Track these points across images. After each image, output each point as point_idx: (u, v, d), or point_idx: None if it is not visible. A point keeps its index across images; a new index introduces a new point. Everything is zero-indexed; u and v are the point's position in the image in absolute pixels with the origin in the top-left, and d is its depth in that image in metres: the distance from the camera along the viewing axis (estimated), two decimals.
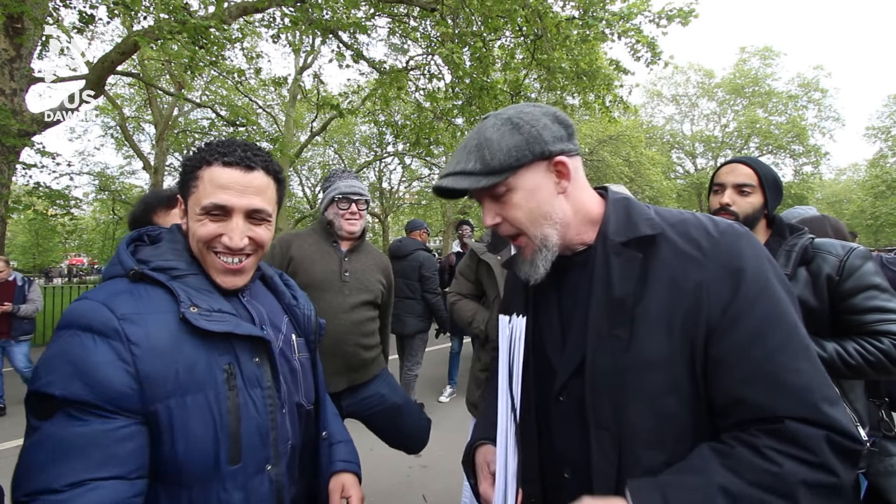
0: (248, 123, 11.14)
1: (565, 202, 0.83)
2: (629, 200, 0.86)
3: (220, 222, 0.88)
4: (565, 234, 0.84)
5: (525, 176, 0.80)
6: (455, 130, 10.61)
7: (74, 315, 0.77)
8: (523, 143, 0.78)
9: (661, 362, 0.72)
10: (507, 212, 0.83)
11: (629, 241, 0.78)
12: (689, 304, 0.71)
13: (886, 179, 23.74)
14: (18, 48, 7.38)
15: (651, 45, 7.70)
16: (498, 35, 7.84)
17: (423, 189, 26.20)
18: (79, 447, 0.69)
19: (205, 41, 6.38)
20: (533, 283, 0.86)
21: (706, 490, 0.65)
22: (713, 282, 0.71)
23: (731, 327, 0.70)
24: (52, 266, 34.26)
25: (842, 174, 34.12)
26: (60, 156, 9.13)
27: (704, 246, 0.74)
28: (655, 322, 0.73)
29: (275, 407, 0.89)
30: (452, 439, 3.88)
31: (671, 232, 0.78)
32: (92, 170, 20.36)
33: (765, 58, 24.35)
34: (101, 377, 0.73)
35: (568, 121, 0.84)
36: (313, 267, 2.03)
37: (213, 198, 0.86)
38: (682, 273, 0.73)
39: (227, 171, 0.88)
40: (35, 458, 0.69)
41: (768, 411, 0.66)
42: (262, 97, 19.30)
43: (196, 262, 0.91)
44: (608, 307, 0.76)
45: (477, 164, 0.80)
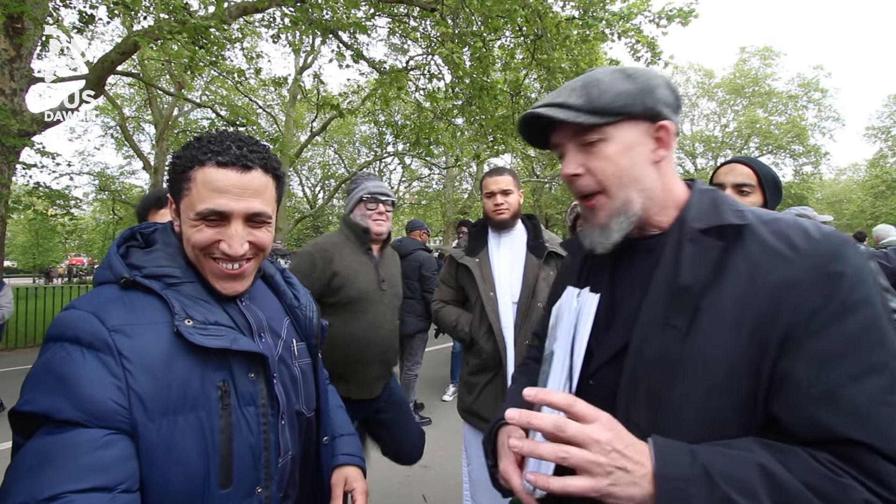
0: (248, 123, 11.13)
1: (656, 174, 0.76)
2: (718, 192, 0.79)
3: (217, 228, 0.82)
4: (648, 208, 0.77)
5: (625, 129, 0.74)
6: (455, 130, 10.62)
7: (62, 326, 0.73)
8: (636, 91, 0.73)
9: (721, 360, 0.65)
10: (595, 163, 0.75)
11: (710, 228, 0.71)
12: (767, 303, 0.64)
13: (886, 179, 23.71)
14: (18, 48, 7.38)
15: (651, 45, 7.70)
16: (498, 35, 7.84)
17: (422, 189, 26.20)
18: (57, 457, 0.64)
19: (205, 41, 6.38)
20: (601, 251, 0.79)
21: (743, 461, 0.58)
22: (802, 282, 0.63)
23: (816, 336, 0.61)
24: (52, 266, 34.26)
25: (842, 174, 34.10)
26: (60, 156, 9.12)
27: (800, 246, 0.66)
28: (724, 317, 0.66)
29: (268, 425, 0.85)
30: (453, 439, 3.88)
31: (762, 227, 0.70)
32: (92, 170, 20.37)
33: (765, 58, 24.32)
34: (88, 394, 0.67)
35: (678, 91, 0.78)
36: (358, 280, 1.98)
37: (209, 203, 0.79)
38: (765, 270, 0.66)
39: (223, 173, 0.80)
40: (15, 474, 0.66)
41: (839, 436, 0.58)
42: (262, 97, 19.30)
43: (192, 267, 0.86)
44: (669, 294, 0.70)
45: (580, 100, 0.74)
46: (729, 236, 0.70)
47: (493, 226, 2.12)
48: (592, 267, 0.88)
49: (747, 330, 0.64)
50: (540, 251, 2.04)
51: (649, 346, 0.70)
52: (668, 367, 0.67)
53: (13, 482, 0.65)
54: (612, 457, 0.59)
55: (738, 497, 0.56)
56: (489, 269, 2.06)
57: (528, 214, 2.19)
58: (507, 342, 1.97)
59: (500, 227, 2.10)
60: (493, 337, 1.98)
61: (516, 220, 2.12)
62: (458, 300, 2.22)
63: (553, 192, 24.17)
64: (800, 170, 24.22)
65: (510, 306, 2.00)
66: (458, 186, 22.74)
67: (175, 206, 0.86)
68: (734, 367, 0.64)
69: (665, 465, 0.59)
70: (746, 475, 0.57)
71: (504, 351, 1.96)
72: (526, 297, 1.98)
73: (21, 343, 8.46)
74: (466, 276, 2.10)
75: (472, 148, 11.85)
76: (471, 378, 2.08)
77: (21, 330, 8.77)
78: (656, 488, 0.58)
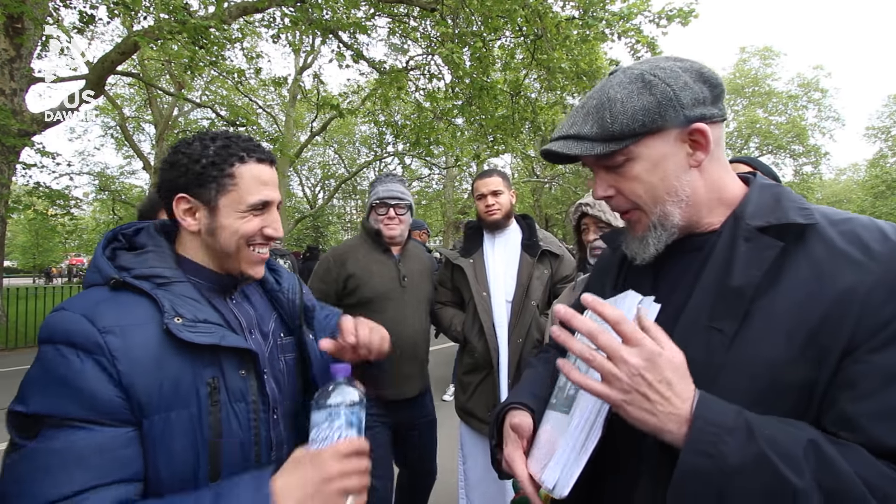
0: (248, 123, 11.13)
1: (698, 177, 0.70)
2: (782, 188, 0.72)
3: (261, 216, 0.90)
4: (691, 215, 0.72)
5: (651, 144, 0.68)
6: (455, 130, 10.62)
7: (53, 328, 0.74)
8: (654, 105, 0.66)
9: (770, 367, 0.60)
10: (624, 184, 0.72)
11: (769, 226, 0.65)
12: (832, 310, 0.59)
13: (886, 179, 23.73)
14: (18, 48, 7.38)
15: (651, 45, 7.71)
16: (498, 35, 7.84)
17: (423, 189, 26.21)
18: (79, 456, 0.67)
19: (205, 41, 6.38)
20: (639, 262, 0.76)
21: (794, 433, 0.55)
22: (875, 290, 0.58)
23: (886, 349, 0.56)
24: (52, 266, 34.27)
25: (842, 174, 34.12)
26: (60, 156, 9.13)
27: (875, 249, 0.60)
28: (777, 323, 0.61)
29: (258, 421, 0.86)
30: (453, 439, 3.89)
31: (830, 228, 0.64)
32: (92, 170, 20.41)
33: (765, 58, 24.34)
34: (89, 392, 0.70)
35: (716, 79, 0.70)
36: (373, 279, 2.00)
37: (260, 195, 0.88)
38: (832, 274, 0.60)
39: (264, 168, 0.90)
40: (27, 474, 0.66)
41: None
42: (262, 97, 19.32)
43: (181, 268, 0.88)
44: (717, 295, 0.65)
45: (594, 128, 0.69)
46: (791, 236, 0.65)
47: (487, 227, 2.14)
48: (633, 265, 0.83)
49: (802, 338, 0.59)
50: (534, 250, 2.06)
51: (692, 349, 0.64)
52: (712, 372, 0.63)
53: (29, 482, 0.66)
54: (636, 381, 0.58)
55: (778, 461, 0.53)
56: (483, 269, 2.09)
57: (522, 214, 2.22)
58: (500, 341, 1.99)
59: (494, 228, 2.13)
60: (484, 336, 2.00)
61: (510, 220, 2.14)
62: (455, 301, 2.25)
63: (553, 192, 24.18)
64: (800, 170, 24.24)
65: (504, 305, 2.03)
66: (458, 186, 22.77)
67: (205, 203, 0.87)
68: (783, 376, 0.60)
69: (707, 410, 0.57)
70: (793, 445, 0.54)
71: (496, 350, 1.98)
72: (520, 295, 2.01)
73: (21, 343, 8.45)
74: (461, 277, 2.13)
75: (472, 148, 11.87)
76: (464, 377, 2.12)
77: (21, 330, 8.76)
78: (690, 428, 0.56)
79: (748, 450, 0.54)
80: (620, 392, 0.59)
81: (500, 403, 0.91)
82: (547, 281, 2.04)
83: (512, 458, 0.77)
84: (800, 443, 0.54)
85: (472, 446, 2.11)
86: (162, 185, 0.89)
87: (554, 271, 2.07)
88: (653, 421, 0.59)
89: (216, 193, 0.86)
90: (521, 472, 0.74)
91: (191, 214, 0.88)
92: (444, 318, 2.20)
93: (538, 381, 0.92)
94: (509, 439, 0.80)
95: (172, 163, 0.87)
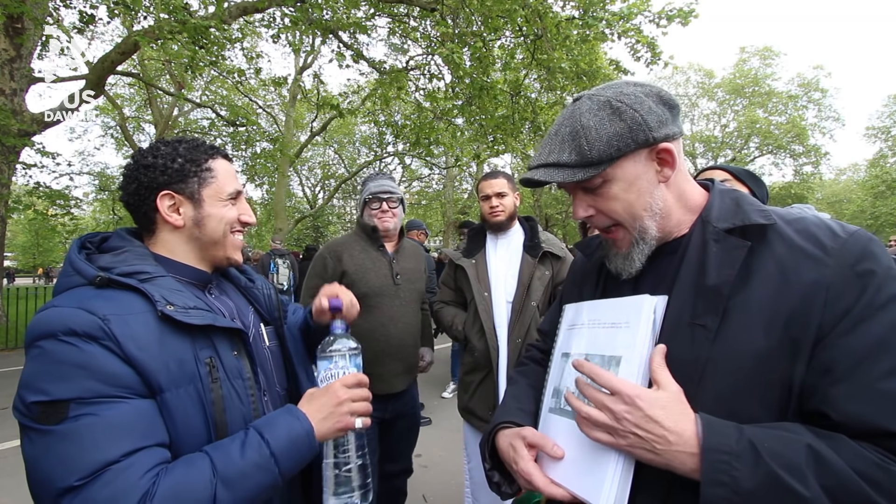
0: (248, 123, 11.13)
1: (666, 191, 0.77)
2: (738, 192, 0.78)
3: (236, 205, 0.99)
4: (664, 226, 0.78)
5: (624, 166, 0.74)
6: (455, 130, 10.62)
7: (50, 323, 0.74)
8: (626, 130, 0.72)
9: (751, 360, 0.65)
10: (603, 204, 0.77)
11: (734, 228, 0.71)
12: (799, 303, 0.64)
13: (886, 179, 23.72)
14: (18, 48, 7.39)
15: (651, 45, 7.71)
16: (498, 35, 7.84)
17: (422, 189, 26.21)
18: (119, 424, 0.71)
19: (205, 41, 6.39)
20: (625, 276, 0.81)
21: (791, 441, 0.59)
22: (835, 283, 0.64)
23: (850, 334, 0.62)
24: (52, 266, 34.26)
25: (842, 174, 34.09)
26: (60, 156, 9.13)
27: (828, 245, 0.66)
28: (753, 317, 0.66)
29: (256, 397, 0.92)
30: (453, 439, 3.89)
31: (786, 227, 0.71)
32: (92, 170, 20.41)
33: (765, 58, 24.31)
34: (109, 371, 0.73)
35: (673, 101, 0.76)
36: (367, 276, 2.04)
37: (234, 185, 0.98)
38: (795, 270, 0.66)
39: (228, 163, 1.00)
40: (67, 449, 0.68)
41: (882, 430, 0.58)
42: (262, 97, 19.32)
43: (161, 265, 0.90)
44: (696, 294, 0.70)
45: (572, 155, 0.74)
46: (754, 236, 0.70)
47: (490, 228, 2.16)
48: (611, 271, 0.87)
49: (778, 330, 0.64)
50: (536, 251, 2.08)
51: (677, 345, 0.69)
52: (699, 365, 0.67)
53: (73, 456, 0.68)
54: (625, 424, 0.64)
55: (785, 475, 0.56)
56: (485, 269, 2.12)
57: (526, 217, 2.24)
58: (500, 341, 2.01)
59: (497, 229, 2.15)
60: (484, 336, 2.03)
61: (513, 221, 2.16)
62: (458, 301, 2.27)
63: (553, 193, 24.18)
64: (800, 170, 24.23)
65: (505, 305, 2.04)
66: (458, 186, 22.77)
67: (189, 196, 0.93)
68: (765, 366, 0.64)
69: (711, 437, 0.60)
70: (794, 454, 0.57)
71: (496, 350, 2.01)
72: (520, 296, 2.02)
73: (21, 343, 8.46)
74: (463, 277, 2.15)
75: (472, 148, 11.88)
76: (466, 377, 2.14)
77: (21, 330, 8.77)
78: (700, 460, 0.60)
79: (758, 471, 0.57)
80: (620, 438, 0.65)
81: (489, 425, 0.92)
82: (548, 282, 2.05)
83: (529, 472, 0.78)
84: (799, 451, 0.58)
85: (475, 446, 2.13)
86: (139, 188, 0.91)
87: (555, 273, 2.08)
88: (658, 460, 0.63)
89: (199, 186, 0.93)
90: (541, 482, 0.76)
91: (175, 210, 0.92)
92: (446, 318, 2.22)
93: (522, 395, 0.95)
94: (519, 456, 0.80)
95: (146, 165, 0.91)
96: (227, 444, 0.79)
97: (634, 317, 0.74)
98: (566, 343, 0.86)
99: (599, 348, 0.77)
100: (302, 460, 0.84)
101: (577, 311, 0.87)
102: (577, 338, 0.83)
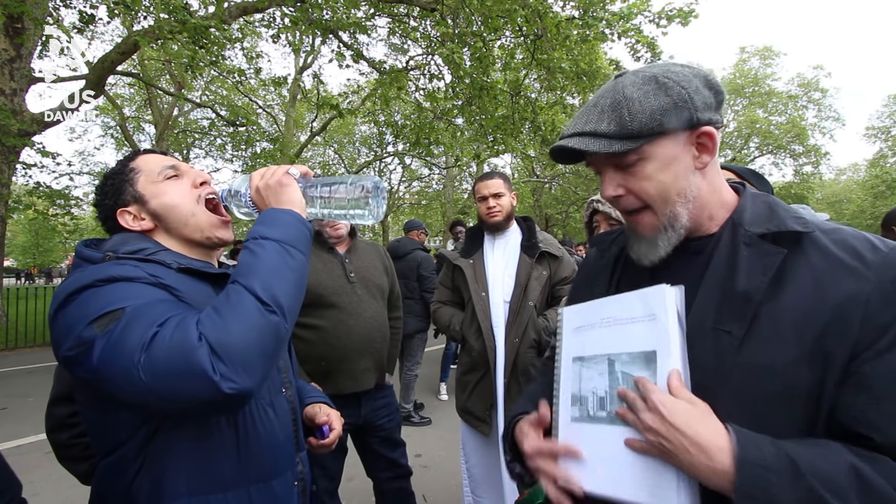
0: (248, 123, 11.15)
1: (702, 180, 0.73)
2: (772, 197, 0.75)
3: (181, 179, 1.00)
4: (696, 217, 0.74)
5: (663, 144, 0.70)
6: (455, 130, 10.62)
7: (79, 280, 0.77)
8: (671, 105, 0.68)
9: (780, 371, 0.62)
10: (635, 184, 0.73)
11: (768, 233, 0.68)
12: (834, 317, 0.61)
13: (886, 179, 23.73)
14: (18, 48, 7.39)
15: (651, 45, 7.71)
16: (498, 35, 7.85)
17: (422, 189, 26.20)
18: (161, 299, 0.78)
19: (205, 41, 6.39)
20: (647, 263, 0.77)
21: (833, 459, 0.57)
22: (874, 297, 0.61)
23: (890, 352, 0.59)
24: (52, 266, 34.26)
25: (842, 174, 34.10)
26: (60, 156, 9.14)
27: (868, 258, 0.63)
28: (784, 327, 0.63)
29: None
30: (453, 439, 3.89)
31: (823, 236, 0.67)
32: (92, 170, 20.37)
33: (765, 58, 24.30)
34: (154, 296, 0.77)
35: (719, 87, 0.72)
36: (320, 277, 2.07)
37: (164, 162, 0.99)
38: (832, 281, 0.63)
39: (156, 155, 1.02)
40: (132, 329, 0.71)
41: None
42: (262, 97, 19.32)
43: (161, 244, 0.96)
44: (722, 299, 0.68)
45: (612, 125, 0.70)
46: (789, 243, 0.67)
47: (488, 228, 2.17)
48: (626, 267, 0.84)
49: (809, 342, 0.62)
50: (533, 251, 2.09)
51: (699, 351, 0.66)
52: (724, 373, 0.65)
53: (132, 328, 0.71)
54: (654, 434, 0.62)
55: (826, 493, 0.54)
56: (482, 269, 2.12)
57: (523, 217, 2.25)
58: (498, 341, 2.02)
59: (495, 230, 2.15)
60: (482, 336, 2.03)
61: (510, 221, 2.16)
62: (456, 301, 2.28)
63: (553, 192, 24.18)
64: (800, 170, 24.21)
65: (502, 305, 2.05)
66: (458, 186, 22.78)
67: (134, 199, 0.97)
68: (792, 378, 0.62)
69: (747, 451, 0.57)
70: (836, 473, 0.55)
71: (493, 350, 2.01)
72: (518, 296, 2.03)
73: (21, 343, 8.45)
74: (461, 277, 2.16)
75: (472, 148, 11.87)
76: (463, 377, 2.14)
77: (21, 330, 8.76)
78: (736, 472, 0.56)
79: (798, 487, 0.55)
80: (654, 447, 0.63)
81: (509, 416, 0.90)
82: (545, 282, 2.05)
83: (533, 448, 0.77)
84: (842, 470, 0.56)
85: (473, 444, 2.13)
86: (104, 221, 0.98)
87: (553, 272, 2.08)
88: (687, 469, 0.60)
89: (131, 186, 0.96)
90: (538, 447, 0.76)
91: (136, 219, 0.96)
92: (443, 318, 2.23)
93: (539, 390, 0.92)
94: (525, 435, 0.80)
95: (96, 204, 0.98)
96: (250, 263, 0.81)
97: (659, 307, 0.69)
98: (577, 347, 0.80)
99: (625, 346, 0.72)
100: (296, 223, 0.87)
101: (580, 312, 0.82)
102: (591, 339, 0.78)
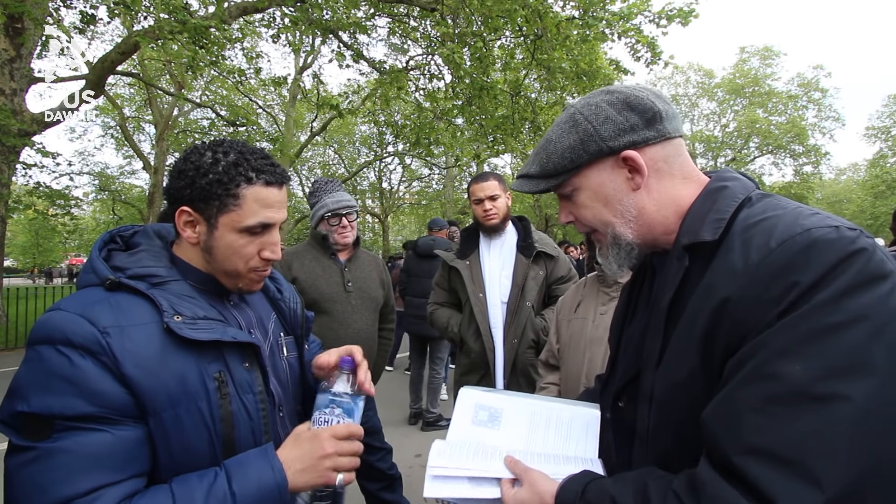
0: (248, 123, 11.15)
1: (645, 197, 0.74)
2: (723, 191, 0.70)
3: (260, 238, 0.87)
4: (646, 233, 0.75)
5: (588, 174, 0.75)
6: (455, 130, 10.62)
7: (50, 328, 0.73)
8: (578, 143, 0.73)
9: (688, 383, 0.63)
10: (576, 211, 0.80)
11: (692, 244, 0.67)
12: (712, 324, 0.60)
13: (886, 179, 23.71)
14: (18, 48, 7.39)
15: (651, 45, 7.71)
16: (498, 35, 7.85)
17: (423, 189, 26.20)
18: (94, 455, 0.69)
19: (205, 41, 6.39)
20: (610, 277, 0.85)
21: (629, 483, 0.64)
22: (741, 301, 0.57)
23: (743, 360, 0.56)
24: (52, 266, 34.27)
25: (842, 174, 34.07)
26: (60, 156, 9.15)
27: (752, 258, 0.58)
28: (684, 339, 0.64)
29: (267, 411, 0.88)
30: None
31: (737, 238, 0.62)
32: (92, 170, 20.41)
33: (765, 58, 24.31)
34: (97, 389, 0.70)
35: (644, 105, 0.71)
36: (317, 282, 2.10)
37: (259, 217, 0.85)
38: (714, 286, 0.61)
39: (272, 191, 0.87)
40: (42, 474, 0.67)
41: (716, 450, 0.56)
42: (262, 97, 19.31)
43: (175, 267, 0.88)
44: (650, 314, 0.74)
45: (536, 167, 0.79)
46: (706, 252, 0.65)
47: (484, 230, 2.16)
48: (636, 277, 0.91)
49: (700, 352, 0.61)
50: (529, 251, 2.08)
51: (631, 368, 0.72)
52: (646, 388, 0.71)
53: (44, 481, 0.66)
54: None
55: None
56: (479, 270, 2.12)
57: (518, 216, 2.24)
58: (496, 342, 2.01)
59: (492, 232, 2.15)
60: (480, 337, 2.02)
61: (506, 222, 2.16)
62: (452, 302, 2.27)
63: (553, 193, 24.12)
64: (800, 170, 24.22)
65: (500, 306, 2.04)
66: (458, 186, 22.74)
67: (206, 219, 0.86)
68: (691, 390, 0.62)
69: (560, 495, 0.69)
70: (624, 497, 0.62)
71: (492, 351, 2.00)
72: (515, 296, 2.02)
73: (21, 343, 8.44)
74: (458, 279, 2.15)
75: (472, 148, 11.86)
76: (462, 378, 2.13)
77: (21, 330, 8.76)
78: None
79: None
80: None
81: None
82: (542, 282, 2.05)
83: None
84: (628, 491, 0.62)
85: None
86: (167, 191, 0.89)
87: (549, 272, 2.08)
88: None
89: (217, 212, 0.84)
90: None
91: (191, 227, 0.87)
92: (441, 319, 2.22)
93: None
94: None
95: (181, 171, 0.85)
96: (194, 483, 0.75)
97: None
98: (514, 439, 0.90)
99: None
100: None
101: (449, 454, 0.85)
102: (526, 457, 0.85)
